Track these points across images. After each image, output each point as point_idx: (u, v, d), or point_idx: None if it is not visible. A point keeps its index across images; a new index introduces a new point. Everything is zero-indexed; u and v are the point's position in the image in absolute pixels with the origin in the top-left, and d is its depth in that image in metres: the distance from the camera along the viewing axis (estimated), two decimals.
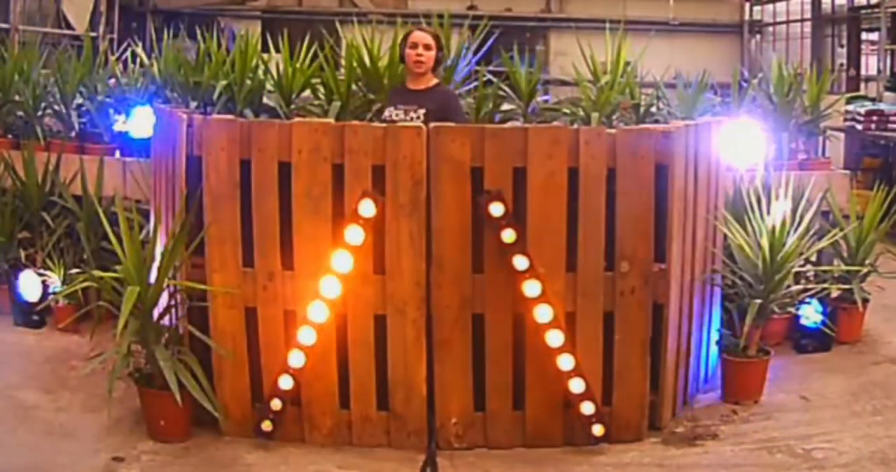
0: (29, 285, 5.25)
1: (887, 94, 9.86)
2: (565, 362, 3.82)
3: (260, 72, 5.78)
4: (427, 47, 4.85)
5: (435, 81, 4.97)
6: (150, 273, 3.84)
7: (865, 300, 5.27)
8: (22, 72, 5.94)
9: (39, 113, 5.88)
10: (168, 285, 3.89)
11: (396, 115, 4.77)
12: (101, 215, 4.57)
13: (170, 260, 3.85)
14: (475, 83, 5.81)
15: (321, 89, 5.75)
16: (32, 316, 5.27)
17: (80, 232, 5.32)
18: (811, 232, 4.65)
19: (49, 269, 5.27)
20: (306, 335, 3.82)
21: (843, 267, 5.21)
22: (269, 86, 5.81)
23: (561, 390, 3.87)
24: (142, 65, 6.00)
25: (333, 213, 3.81)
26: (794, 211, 4.40)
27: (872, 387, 4.62)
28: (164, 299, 3.92)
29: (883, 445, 3.94)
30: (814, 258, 5.27)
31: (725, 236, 4.56)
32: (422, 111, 4.70)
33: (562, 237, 3.85)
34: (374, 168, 3.80)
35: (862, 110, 8.97)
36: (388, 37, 5.53)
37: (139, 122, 5.35)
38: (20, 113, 5.91)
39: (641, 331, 3.95)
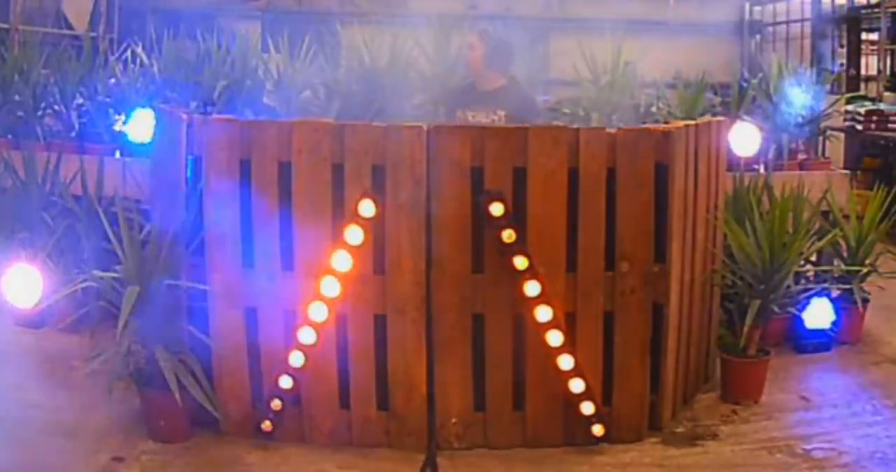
0: (24, 288, 5.21)
1: (887, 94, 9.87)
2: (565, 362, 3.82)
3: (260, 72, 5.78)
4: (472, 47, 4.99)
5: (503, 80, 5.02)
6: (151, 273, 3.84)
7: (865, 300, 5.27)
8: (22, 72, 5.94)
9: (39, 113, 5.87)
10: (168, 285, 3.88)
11: (473, 117, 4.83)
12: (101, 215, 4.57)
13: (170, 260, 3.85)
14: None
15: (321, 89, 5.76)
16: (32, 316, 5.26)
17: (80, 232, 5.31)
18: (811, 232, 4.65)
19: (49, 269, 5.25)
20: (306, 335, 3.82)
21: (843, 267, 5.22)
22: (268, 86, 5.81)
23: (561, 390, 3.87)
24: (142, 65, 6.00)
25: (333, 213, 3.81)
26: (793, 211, 4.41)
27: (872, 387, 4.62)
28: (164, 299, 3.92)
29: (883, 445, 3.95)
30: (814, 258, 5.28)
31: (725, 236, 4.56)
32: (502, 113, 4.79)
33: (562, 237, 3.85)
34: (374, 168, 3.80)
35: (862, 110, 8.97)
36: (388, 37, 5.54)
37: (138, 125, 5.31)
38: (20, 113, 5.90)
39: (641, 331, 3.95)
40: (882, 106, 9.15)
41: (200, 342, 3.91)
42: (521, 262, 3.76)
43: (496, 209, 3.74)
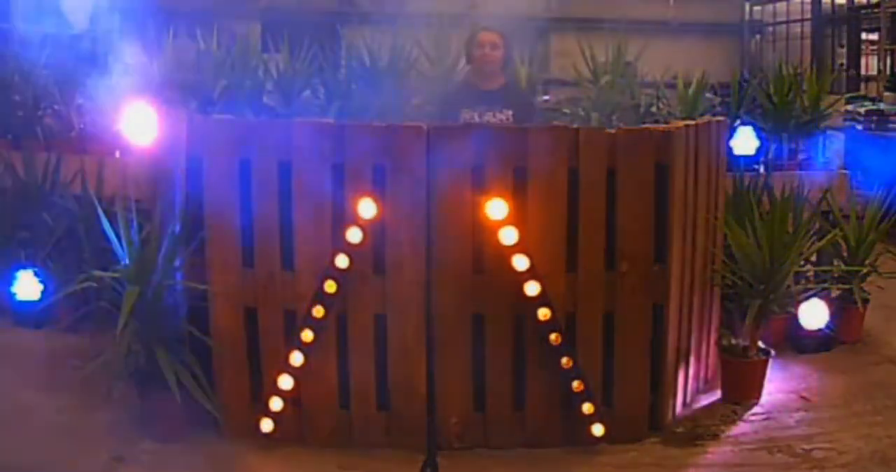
0: (27, 286, 5.24)
1: (887, 94, 9.88)
2: (565, 362, 3.82)
3: (260, 72, 5.78)
4: (494, 46, 4.92)
5: (504, 79, 5.02)
6: (151, 273, 3.84)
7: (865, 300, 5.27)
8: (22, 72, 5.93)
9: (39, 113, 5.87)
10: (168, 285, 3.88)
11: (481, 117, 4.81)
12: (102, 215, 4.56)
13: (170, 260, 3.85)
14: None
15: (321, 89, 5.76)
16: (32, 316, 5.26)
17: (80, 232, 5.30)
18: (811, 232, 4.65)
19: (49, 269, 5.25)
20: (306, 335, 3.82)
21: (843, 267, 5.22)
22: (268, 86, 5.81)
23: (561, 391, 3.87)
24: (142, 65, 5.99)
25: (333, 213, 3.81)
26: (793, 211, 4.41)
27: (872, 387, 4.62)
28: (164, 299, 3.92)
29: (883, 445, 3.95)
30: (814, 258, 5.28)
31: (725, 236, 4.56)
32: (509, 112, 4.77)
33: (562, 237, 3.85)
34: (374, 168, 3.80)
35: (862, 110, 8.98)
36: (388, 37, 5.54)
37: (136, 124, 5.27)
38: (20, 113, 5.90)
39: (641, 331, 3.95)
40: (882, 106, 9.16)
41: (200, 342, 3.91)
42: (521, 262, 3.76)
43: (496, 209, 3.74)
